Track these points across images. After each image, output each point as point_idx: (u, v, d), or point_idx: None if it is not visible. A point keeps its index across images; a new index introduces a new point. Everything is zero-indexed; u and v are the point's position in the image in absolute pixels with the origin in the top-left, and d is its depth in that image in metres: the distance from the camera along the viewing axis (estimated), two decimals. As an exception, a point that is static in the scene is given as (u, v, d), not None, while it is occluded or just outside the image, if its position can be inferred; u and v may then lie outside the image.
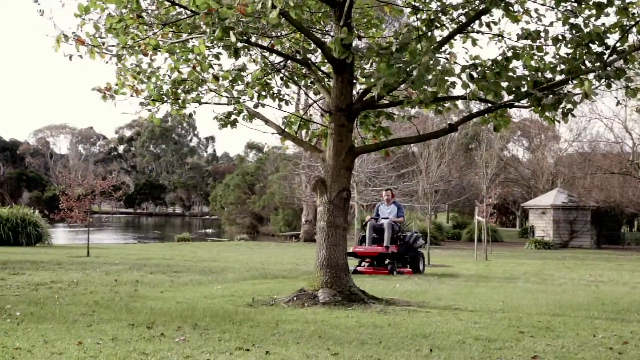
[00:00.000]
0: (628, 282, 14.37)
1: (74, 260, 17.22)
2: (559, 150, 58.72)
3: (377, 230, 15.13)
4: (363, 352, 5.52)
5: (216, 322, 6.86)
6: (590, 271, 18.05)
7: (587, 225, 39.99)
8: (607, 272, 17.70)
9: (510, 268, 18.59)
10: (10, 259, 16.58)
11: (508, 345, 6.08)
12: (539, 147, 60.20)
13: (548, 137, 59.10)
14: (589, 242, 39.56)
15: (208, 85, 9.95)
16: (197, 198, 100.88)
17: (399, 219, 15.39)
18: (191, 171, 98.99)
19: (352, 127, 9.67)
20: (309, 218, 38.93)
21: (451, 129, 9.79)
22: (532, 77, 8.72)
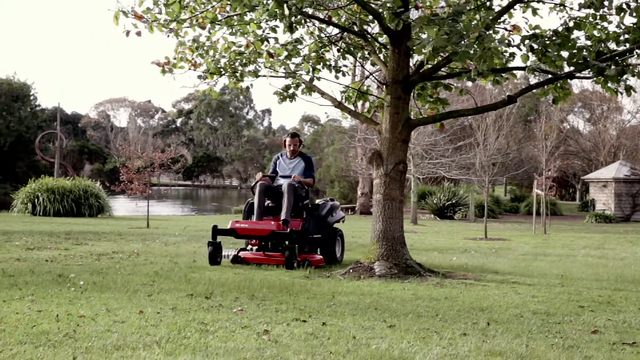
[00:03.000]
0: (692, 257, 14.01)
1: (134, 231, 17.58)
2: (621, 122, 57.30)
3: (272, 195, 10.33)
4: (419, 324, 5.51)
5: (273, 294, 6.93)
6: (653, 246, 17.64)
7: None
8: (670, 247, 17.28)
9: (570, 242, 18.29)
10: (74, 229, 17.01)
11: (567, 320, 6.00)
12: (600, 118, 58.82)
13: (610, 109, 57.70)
14: (652, 216, 38.64)
15: (265, 59, 9.97)
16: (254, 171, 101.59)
17: (307, 180, 10.53)
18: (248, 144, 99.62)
19: (409, 99, 9.58)
20: (365, 191, 38.89)
21: (510, 101, 9.61)
22: (594, 47, 8.50)
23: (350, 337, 4.86)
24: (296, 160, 10.68)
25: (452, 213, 35.78)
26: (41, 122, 55.52)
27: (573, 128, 62.63)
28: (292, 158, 10.68)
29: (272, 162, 11.02)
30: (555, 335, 5.29)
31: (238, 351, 4.32)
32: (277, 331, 5.00)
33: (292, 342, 4.67)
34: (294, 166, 10.62)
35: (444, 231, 23.13)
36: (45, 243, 12.73)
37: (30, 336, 4.56)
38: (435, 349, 4.55)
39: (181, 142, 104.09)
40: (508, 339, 5.03)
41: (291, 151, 10.68)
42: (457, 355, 4.44)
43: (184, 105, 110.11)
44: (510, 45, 8.71)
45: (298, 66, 10.19)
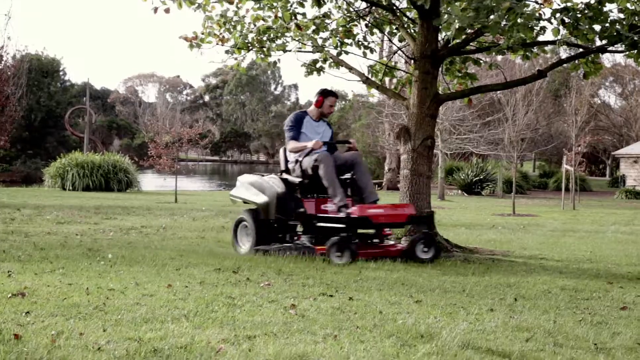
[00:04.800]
0: None
1: (162, 206, 17.73)
2: (654, 97, 56.37)
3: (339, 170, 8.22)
4: (446, 299, 5.51)
5: (300, 269, 6.96)
6: (684, 222, 17.42)
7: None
8: (702, 224, 17.07)
9: (599, 218, 18.14)
10: (103, 204, 17.20)
11: (596, 296, 5.96)
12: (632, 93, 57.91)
13: (643, 83, 56.78)
14: (683, 192, 38.14)
15: (292, 33, 9.94)
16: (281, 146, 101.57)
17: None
18: (275, 119, 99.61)
19: (437, 74, 9.51)
20: (392, 166, 38.83)
21: (540, 75, 9.51)
22: (627, 20, 8.35)
23: (376, 312, 4.87)
24: (323, 124, 8.78)
25: (479, 189, 35.61)
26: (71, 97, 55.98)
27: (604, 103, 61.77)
28: (317, 121, 8.74)
29: (294, 121, 8.58)
30: (583, 311, 5.26)
31: (265, 325, 4.35)
32: (304, 305, 5.02)
33: (319, 316, 4.69)
34: (324, 131, 8.72)
35: (472, 207, 23.03)
36: (75, 217, 12.89)
37: (61, 308, 4.63)
38: (462, 325, 4.55)
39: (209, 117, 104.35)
40: (535, 315, 5.01)
41: (327, 114, 8.79)
42: (483, 331, 4.43)
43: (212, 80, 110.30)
44: (540, 18, 8.59)
45: (326, 40, 10.15)
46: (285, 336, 4.10)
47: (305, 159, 8.29)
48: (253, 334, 4.09)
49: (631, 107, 55.36)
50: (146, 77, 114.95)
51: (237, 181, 8.95)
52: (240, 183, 8.83)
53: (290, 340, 4.01)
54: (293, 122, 8.53)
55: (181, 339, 3.90)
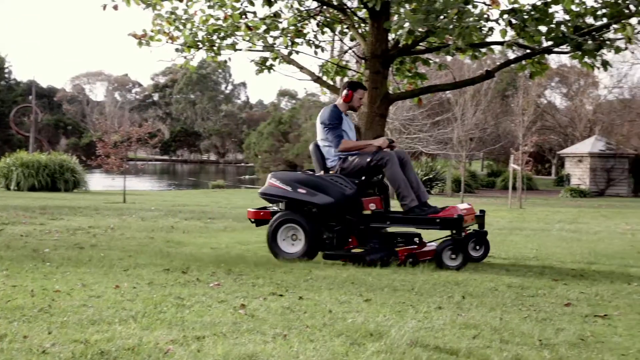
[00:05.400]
0: (665, 232, 14.20)
1: (110, 206, 17.50)
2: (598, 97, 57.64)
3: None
4: (395, 298, 5.55)
5: (250, 268, 6.93)
6: (626, 219, 17.85)
7: (625, 174, 39.42)
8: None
9: (545, 216, 18.47)
10: (49, 204, 16.89)
11: (541, 293, 6.07)
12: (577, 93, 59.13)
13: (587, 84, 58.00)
14: (626, 190, 39.06)
15: (243, 32, 9.90)
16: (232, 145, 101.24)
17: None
18: (225, 118, 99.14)
19: (387, 74, 9.57)
20: (343, 165, 38.94)
21: (488, 76, 9.65)
22: (572, 22, 8.52)
23: (326, 311, 4.88)
24: (350, 120, 8.38)
25: (429, 188, 35.91)
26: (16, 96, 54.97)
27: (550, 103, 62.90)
28: (346, 116, 8.27)
29: (337, 117, 8.03)
30: (528, 308, 5.35)
31: (214, 325, 4.32)
32: (253, 305, 5.01)
33: (269, 316, 4.68)
34: (353, 127, 8.37)
35: (422, 206, 23.20)
36: (20, 218, 12.63)
37: (4, 311, 4.53)
38: (410, 323, 4.59)
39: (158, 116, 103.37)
40: (482, 312, 5.08)
41: (356, 107, 8.29)
42: (432, 329, 4.47)
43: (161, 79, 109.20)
44: (488, 19, 8.72)
45: (276, 39, 10.13)
46: (234, 336, 4.08)
47: (359, 157, 7.90)
48: (202, 335, 4.07)
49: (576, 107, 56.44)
50: (94, 75, 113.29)
51: (274, 179, 8.03)
52: (281, 181, 7.98)
53: (239, 340, 3.99)
54: (336, 119, 8.02)
55: (129, 341, 3.85)
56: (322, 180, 7.80)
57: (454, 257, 7.50)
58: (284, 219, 7.88)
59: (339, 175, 7.82)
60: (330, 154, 8.03)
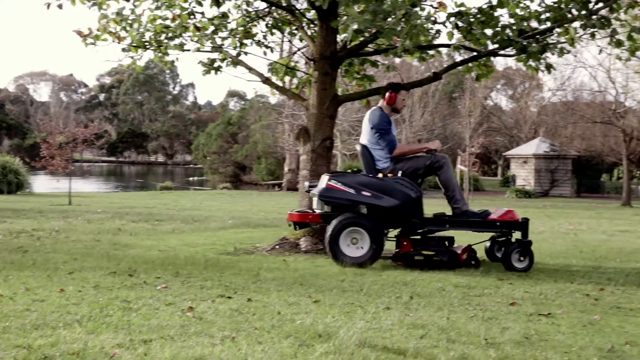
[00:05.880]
0: (606, 231, 14.55)
1: (55, 208, 17.18)
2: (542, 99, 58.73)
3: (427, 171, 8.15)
4: (344, 299, 5.56)
5: (198, 270, 6.88)
6: (570, 219, 18.24)
7: (568, 174, 40.31)
8: (586, 221, 17.91)
9: (492, 217, 18.72)
10: (-8, 206, 16.49)
11: (487, 292, 6.15)
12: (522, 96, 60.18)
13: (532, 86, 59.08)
14: (569, 190, 39.92)
15: (191, 32, 9.81)
16: (180, 146, 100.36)
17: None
18: (174, 119, 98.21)
19: (336, 76, 9.60)
20: (292, 167, 38.94)
21: (435, 78, 9.74)
22: (517, 25, 8.67)
23: (275, 313, 4.87)
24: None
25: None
26: (-43, 95, 53.47)
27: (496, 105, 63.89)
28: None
29: (388, 122, 8.03)
30: (475, 307, 5.42)
31: (162, 328, 4.28)
32: (201, 308, 4.97)
33: (217, 318, 4.65)
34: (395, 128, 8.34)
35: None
36: (-38, 221, 12.32)
37: (-56, 317, 4.42)
38: (359, 323, 4.61)
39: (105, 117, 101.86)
40: (430, 312, 5.13)
41: (400, 109, 8.28)
42: (380, 329, 4.50)
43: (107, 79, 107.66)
44: (436, 22, 8.81)
45: (224, 40, 10.07)
46: (182, 339, 4.04)
47: (413, 160, 7.91)
48: (149, 338, 4.02)
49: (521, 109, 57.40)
50: (38, 75, 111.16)
51: (334, 181, 7.75)
52: (342, 184, 7.72)
53: (187, 343, 3.96)
54: (388, 124, 7.99)
55: (73, 345, 3.79)
56: (387, 182, 7.67)
57: (522, 259, 7.69)
58: (348, 221, 7.65)
59: (402, 178, 7.71)
60: (381, 156, 7.96)
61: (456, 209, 7.86)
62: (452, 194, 7.86)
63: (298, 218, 8.16)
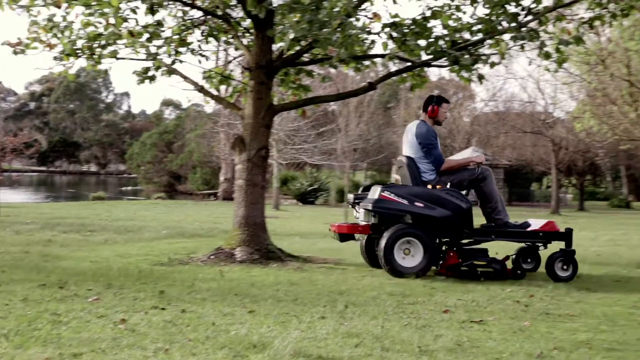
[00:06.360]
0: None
1: (-17, 219, 16.67)
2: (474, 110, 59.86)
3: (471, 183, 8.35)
4: (279, 309, 5.55)
5: (131, 282, 6.77)
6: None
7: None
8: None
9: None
10: None
11: (421, 300, 6.22)
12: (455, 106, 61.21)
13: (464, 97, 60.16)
14: (501, 199, 40.71)
15: (125, 40, 9.66)
16: (113, 156, 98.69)
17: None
18: (107, 128, 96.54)
19: (272, 85, 9.60)
20: (228, 176, 38.71)
21: (370, 88, 9.83)
22: (450, 36, 8.82)
23: (209, 324, 4.83)
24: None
25: (314, 198, 36.28)
26: None
27: (430, 115, 64.78)
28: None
29: (435, 136, 8.23)
30: (409, 315, 5.48)
31: (93, 341, 4.19)
32: (134, 320, 4.89)
33: (150, 330, 4.58)
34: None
35: (306, 216, 23.42)
36: None
37: None
38: (294, 333, 4.60)
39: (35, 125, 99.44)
40: (365, 321, 5.16)
41: (442, 121, 8.48)
42: (315, 338, 4.50)
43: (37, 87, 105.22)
44: (370, 32, 8.90)
45: (159, 49, 9.95)
46: (114, 352, 3.97)
47: (457, 173, 8.10)
48: (79, 352, 3.93)
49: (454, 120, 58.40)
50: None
51: (387, 193, 7.83)
52: (396, 195, 7.82)
53: (119, 356, 3.89)
54: (435, 138, 8.18)
55: (0, 361, 3.68)
56: (439, 194, 7.83)
57: (565, 268, 7.95)
58: (402, 232, 7.76)
59: (452, 189, 7.91)
60: (427, 169, 8.08)
61: (498, 220, 8.09)
62: (494, 206, 8.12)
63: (348, 230, 8.33)
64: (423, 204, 7.75)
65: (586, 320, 5.54)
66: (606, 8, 8.76)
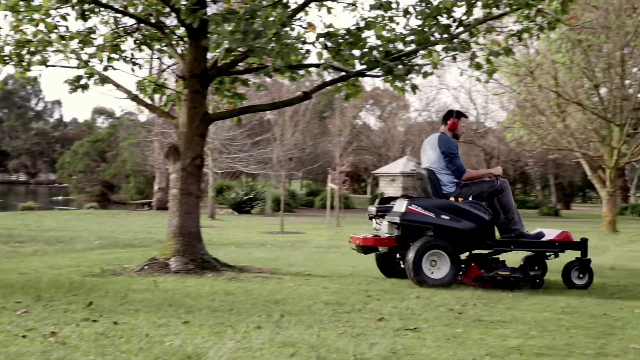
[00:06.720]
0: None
1: None
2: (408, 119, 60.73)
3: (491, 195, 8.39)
4: (214, 319, 5.51)
5: (62, 293, 6.62)
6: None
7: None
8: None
9: (361, 234, 19.05)
10: None
11: (356, 309, 6.26)
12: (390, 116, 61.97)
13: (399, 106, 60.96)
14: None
15: (55, 47, 9.46)
16: (44, 165, 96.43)
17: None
18: (37, 137, 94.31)
19: (206, 93, 9.53)
20: (162, 186, 38.20)
21: (305, 97, 9.87)
22: (384, 47, 8.91)
23: (143, 335, 4.76)
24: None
25: (250, 207, 36.10)
26: None
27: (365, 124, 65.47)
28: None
29: (457, 147, 8.38)
30: (344, 324, 5.50)
31: (21, 355, 4.08)
32: (65, 332, 4.78)
33: (82, 342, 4.49)
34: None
35: (242, 225, 23.31)
36: None
37: None
38: (229, 343, 4.57)
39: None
40: (300, 330, 5.16)
41: (460, 135, 8.61)
42: (250, 348, 4.48)
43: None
44: (305, 42, 8.94)
45: (91, 56, 9.78)
46: (43, 366, 3.87)
47: (478, 184, 8.22)
48: (7, 367, 3.82)
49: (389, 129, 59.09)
50: None
51: (414, 206, 7.94)
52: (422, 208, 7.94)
53: (48, 370, 3.79)
54: (457, 149, 8.34)
55: None
56: (463, 206, 7.96)
57: (581, 277, 8.23)
58: (430, 244, 7.88)
59: (475, 201, 8.03)
60: (448, 181, 8.20)
61: (515, 231, 8.23)
62: (511, 217, 8.24)
63: (374, 242, 8.37)
64: (449, 217, 7.92)
65: (517, 327, 5.66)
66: (534, 21, 9.00)
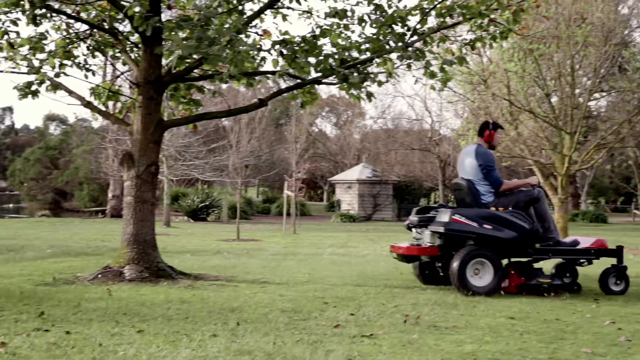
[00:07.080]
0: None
1: None
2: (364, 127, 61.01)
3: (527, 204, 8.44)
4: (169, 327, 5.46)
5: (12, 303, 6.50)
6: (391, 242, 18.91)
7: (389, 199, 41.94)
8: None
9: (317, 241, 19.12)
10: None
11: (312, 316, 6.26)
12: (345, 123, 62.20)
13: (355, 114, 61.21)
14: (390, 214, 41.50)
15: (5, 53, 9.29)
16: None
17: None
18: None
19: (161, 100, 9.46)
20: (116, 193, 37.76)
21: (261, 104, 9.86)
22: (339, 55, 8.96)
23: (96, 345, 4.69)
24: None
25: (205, 215, 35.88)
26: None
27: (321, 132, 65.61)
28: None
29: (491, 157, 8.46)
30: (301, 331, 5.50)
31: (-30, 367, 4.00)
32: (15, 343, 4.70)
33: (33, 353, 4.41)
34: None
35: (198, 233, 23.14)
36: None
37: None
38: (184, 352, 4.54)
39: None
40: (257, 338, 5.14)
41: (495, 146, 8.80)
42: (206, 357, 4.45)
43: None
44: (261, 49, 8.94)
45: (43, 62, 9.62)
46: (-7, 378, 3.79)
47: (515, 194, 8.33)
48: (-45, 379, 3.74)
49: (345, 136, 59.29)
50: None
51: (457, 216, 8.02)
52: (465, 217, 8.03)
53: (-2, 382, 3.72)
54: (494, 161, 8.47)
55: None
56: (504, 215, 8.07)
57: (618, 283, 8.42)
58: (474, 253, 8.00)
59: (516, 211, 8.14)
60: (486, 191, 8.33)
61: (552, 239, 8.37)
62: (547, 225, 8.36)
63: (417, 251, 8.46)
64: (491, 226, 8.04)
65: (471, 332, 5.72)
66: (486, 30, 9.14)
